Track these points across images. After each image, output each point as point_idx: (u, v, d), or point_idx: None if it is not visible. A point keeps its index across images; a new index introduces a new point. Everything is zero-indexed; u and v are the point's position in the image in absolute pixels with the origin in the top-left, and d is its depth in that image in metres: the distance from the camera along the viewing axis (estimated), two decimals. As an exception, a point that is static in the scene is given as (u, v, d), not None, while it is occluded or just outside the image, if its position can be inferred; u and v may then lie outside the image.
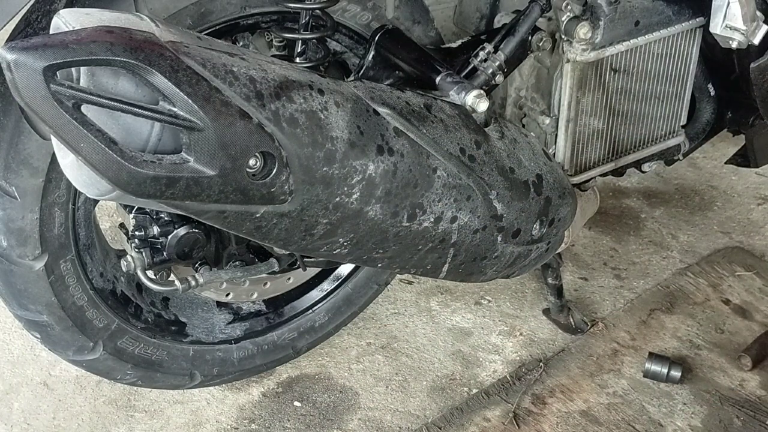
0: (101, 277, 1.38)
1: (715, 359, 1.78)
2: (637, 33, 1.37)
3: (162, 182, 0.86)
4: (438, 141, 1.10)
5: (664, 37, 1.40)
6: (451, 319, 1.88)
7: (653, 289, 1.98)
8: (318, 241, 1.05)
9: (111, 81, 0.84)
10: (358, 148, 1.01)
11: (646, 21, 1.37)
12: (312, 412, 1.63)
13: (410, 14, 1.39)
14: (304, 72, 1.01)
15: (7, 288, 1.27)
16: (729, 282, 2.00)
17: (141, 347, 1.44)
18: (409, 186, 1.08)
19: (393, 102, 1.08)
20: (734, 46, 1.30)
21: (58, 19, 0.87)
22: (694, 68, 1.47)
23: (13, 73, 0.77)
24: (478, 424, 1.61)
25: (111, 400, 1.63)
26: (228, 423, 1.60)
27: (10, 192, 1.17)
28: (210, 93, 0.86)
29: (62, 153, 0.94)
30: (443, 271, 1.22)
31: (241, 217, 0.96)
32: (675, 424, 1.63)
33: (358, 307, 1.73)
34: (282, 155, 0.94)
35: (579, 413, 1.64)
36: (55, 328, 1.33)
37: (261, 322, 1.63)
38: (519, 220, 1.23)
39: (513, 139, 1.25)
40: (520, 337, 1.84)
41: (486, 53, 1.26)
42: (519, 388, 1.70)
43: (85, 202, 1.30)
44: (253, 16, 1.24)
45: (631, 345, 1.81)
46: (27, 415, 1.59)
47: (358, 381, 1.71)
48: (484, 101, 1.17)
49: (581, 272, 2.03)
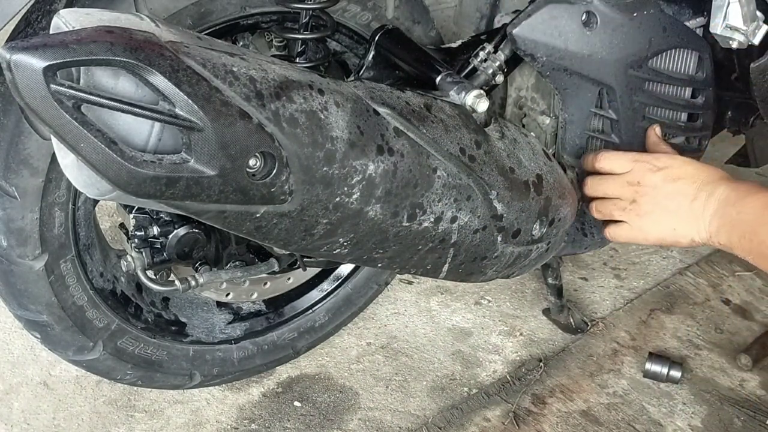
0: (101, 277, 1.38)
1: (715, 359, 1.79)
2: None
3: (162, 182, 0.86)
4: (438, 141, 1.10)
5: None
6: (451, 319, 1.88)
7: (653, 289, 1.98)
8: (318, 241, 1.05)
9: (111, 81, 0.84)
10: (358, 148, 1.01)
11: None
12: (312, 412, 1.63)
13: (410, 14, 1.39)
14: (304, 72, 1.01)
15: (7, 288, 1.27)
16: (729, 282, 2.00)
17: (141, 347, 1.44)
18: (409, 186, 1.08)
19: (393, 102, 1.08)
20: (734, 46, 1.30)
21: (58, 19, 0.87)
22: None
23: (13, 73, 0.77)
24: (478, 424, 1.61)
25: (111, 400, 1.63)
26: (228, 423, 1.60)
27: (10, 192, 1.17)
28: (210, 93, 0.86)
29: (62, 153, 0.94)
30: (443, 271, 1.22)
31: (241, 217, 0.96)
32: (675, 424, 1.63)
33: (358, 307, 1.73)
34: (282, 155, 0.94)
35: (579, 413, 1.64)
36: (55, 328, 1.33)
37: (261, 322, 1.63)
38: (519, 220, 1.23)
39: (513, 139, 1.25)
40: (520, 337, 1.84)
41: (486, 53, 1.26)
42: (519, 388, 1.70)
43: (85, 202, 1.30)
44: (253, 16, 1.24)
45: (631, 345, 1.81)
46: (27, 415, 1.59)
47: (358, 381, 1.71)
48: (484, 101, 1.17)
49: (581, 272, 2.03)
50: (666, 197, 1.22)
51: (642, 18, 1.29)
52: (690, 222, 1.20)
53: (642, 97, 1.34)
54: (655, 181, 1.22)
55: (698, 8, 1.40)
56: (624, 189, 1.26)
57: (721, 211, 1.16)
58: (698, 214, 1.19)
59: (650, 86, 1.35)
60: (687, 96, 1.41)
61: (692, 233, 1.20)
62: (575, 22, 1.25)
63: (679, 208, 1.20)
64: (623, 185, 1.26)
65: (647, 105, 1.36)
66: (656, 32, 1.31)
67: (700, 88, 1.41)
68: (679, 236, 1.22)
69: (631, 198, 1.25)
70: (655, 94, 1.36)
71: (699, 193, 1.19)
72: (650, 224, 1.24)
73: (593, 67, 1.28)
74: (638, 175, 1.24)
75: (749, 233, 1.12)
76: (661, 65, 1.35)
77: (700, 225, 1.19)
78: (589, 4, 1.25)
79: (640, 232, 1.26)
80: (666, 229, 1.23)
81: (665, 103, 1.38)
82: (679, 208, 1.20)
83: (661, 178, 1.22)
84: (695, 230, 1.19)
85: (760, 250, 1.11)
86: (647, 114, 1.36)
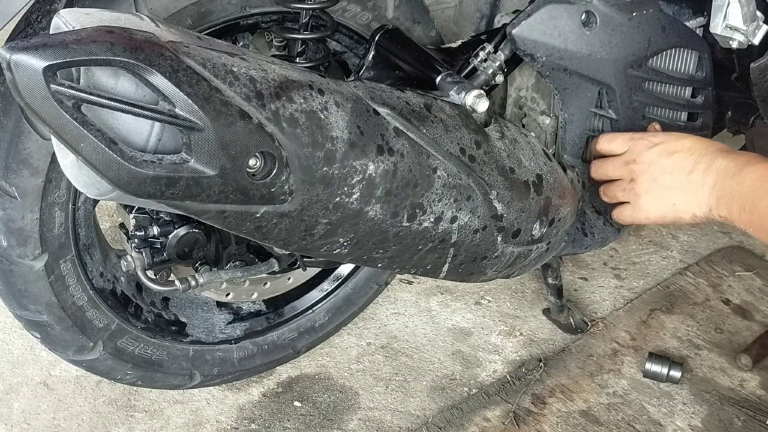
0: (101, 277, 1.38)
1: (715, 359, 1.79)
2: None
3: (162, 182, 0.86)
4: (438, 141, 1.10)
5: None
6: (451, 319, 1.88)
7: (653, 289, 1.98)
8: (318, 241, 1.05)
9: (111, 81, 0.84)
10: (358, 148, 1.01)
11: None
12: (312, 412, 1.63)
13: (410, 14, 1.39)
14: (304, 72, 1.01)
15: (7, 288, 1.27)
16: (729, 282, 2.00)
17: (141, 347, 1.44)
18: (409, 186, 1.08)
19: (393, 102, 1.08)
20: (734, 46, 1.30)
21: (58, 19, 0.87)
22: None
23: (13, 73, 0.77)
24: (478, 424, 1.61)
25: (111, 400, 1.63)
26: (228, 423, 1.60)
27: (10, 192, 1.17)
28: (210, 93, 0.86)
29: (62, 153, 0.94)
30: (443, 271, 1.22)
31: (242, 217, 0.96)
32: (675, 424, 1.63)
33: (358, 307, 1.73)
34: (282, 155, 0.94)
35: (579, 413, 1.64)
36: (55, 328, 1.33)
37: (261, 322, 1.63)
38: (519, 220, 1.23)
39: (513, 139, 1.25)
40: (520, 337, 1.84)
41: (486, 53, 1.26)
42: (519, 388, 1.70)
43: (85, 202, 1.30)
44: (253, 16, 1.24)
45: (631, 345, 1.81)
46: (27, 415, 1.59)
47: (358, 381, 1.71)
48: (484, 101, 1.17)
49: (581, 272, 2.03)
50: (663, 172, 1.20)
51: (641, 18, 1.29)
52: (689, 195, 1.17)
53: (642, 97, 1.34)
54: (651, 157, 1.21)
55: (698, 8, 1.41)
56: (623, 169, 1.25)
57: (720, 183, 1.13)
58: (697, 187, 1.16)
59: (650, 86, 1.35)
60: (687, 96, 1.41)
61: (693, 207, 1.17)
62: (575, 22, 1.25)
63: (678, 182, 1.18)
64: (622, 165, 1.25)
65: (647, 104, 1.36)
66: (656, 32, 1.31)
67: (700, 87, 1.41)
68: (680, 211, 1.19)
69: (630, 177, 1.24)
70: (655, 93, 1.36)
71: (696, 166, 1.16)
72: (650, 201, 1.22)
73: (593, 66, 1.28)
74: (635, 153, 1.23)
75: (749, 205, 1.09)
76: (661, 65, 1.35)
77: (700, 198, 1.16)
78: (589, 3, 1.25)
79: (641, 211, 1.24)
80: (666, 206, 1.20)
81: (665, 102, 1.38)
82: (677, 183, 1.18)
83: (656, 154, 1.20)
84: (695, 204, 1.16)
85: (760, 223, 1.08)
86: (647, 113, 1.36)
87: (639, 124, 1.35)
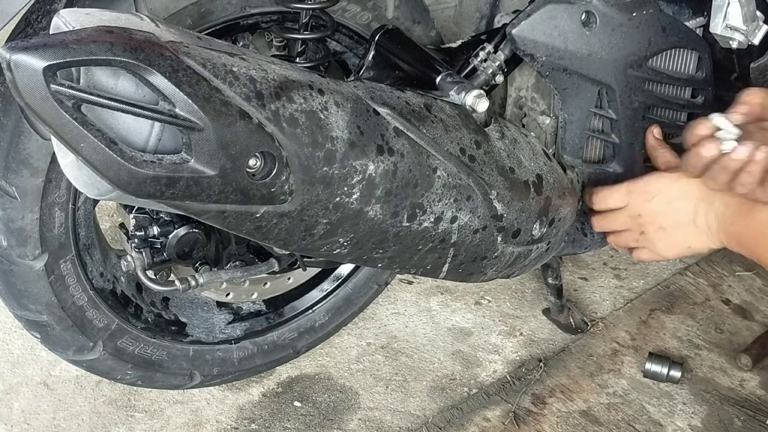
0: (101, 277, 1.38)
1: (715, 359, 1.79)
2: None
3: (162, 182, 0.86)
4: (438, 141, 1.10)
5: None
6: (451, 319, 1.88)
7: (653, 289, 1.98)
8: (318, 241, 1.05)
9: (111, 81, 0.84)
10: (358, 148, 1.01)
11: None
12: (312, 412, 1.63)
13: (410, 14, 1.39)
14: (304, 72, 1.01)
15: (7, 288, 1.27)
16: (729, 282, 2.00)
17: (141, 347, 1.44)
18: (409, 186, 1.08)
19: (393, 102, 1.08)
20: (734, 46, 1.30)
21: (58, 19, 0.87)
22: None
23: (13, 73, 0.77)
24: (478, 424, 1.61)
25: (111, 400, 1.63)
26: (228, 423, 1.60)
27: (10, 192, 1.17)
28: (210, 93, 0.86)
29: (62, 153, 0.94)
30: (443, 271, 1.22)
31: (242, 217, 0.96)
32: (675, 424, 1.63)
33: (358, 307, 1.73)
34: (282, 155, 0.94)
35: (579, 413, 1.64)
36: (55, 328, 1.33)
37: (261, 322, 1.63)
38: (519, 220, 1.23)
39: (513, 139, 1.25)
40: (520, 337, 1.84)
41: (486, 53, 1.26)
42: (519, 388, 1.70)
43: (85, 202, 1.30)
44: (253, 16, 1.24)
45: (631, 345, 1.81)
46: (27, 415, 1.59)
47: (358, 381, 1.71)
48: (484, 101, 1.17)
49: (581, 272, 2.03)
50: (669, 221, 1.26)
51: (641, 18, 1.29)
52: (700, 237, 1.25)
53: (642, 97, 1.34)
54: (653, 209, 1.27)
55: (698, 8, 1.41)
56: (630, 223, 1.31)
57: (724, 230, 1.20)
58: (704, 229, 1.23)
59: (650, 86, 1.35)
60: (687, 96, 1.41)
61: (707, 244, 1.25)
62: (575, 21, 1.25)
63: (686, 229, 1.25)
64: (627, 219, 1.31)
65: (647, 105, 1.36)
66: (655, 32, 1.31)
67: (700, 88, 1.41)
68: (696, 249, 1.28)
69: (638, 230, 1.30)
70: (655, 93, 1.36)
71: (698, 210, 1.23)
72: (666, 247, 1.29)
73: (593, 66, 1.28)
74: (637, 208, 1.29)
75: (757, 253, 1.17)
76: (661, 65, 1.35)
77: (711, 237, 1.23)
78: (589, 3, 1.25)
79: (660, 255, 1.31)
80: (682, 248, 1.28)
81: (665, 102, 1.38)
82: (686, 229, 1.25)
83: (657, 205, 1.27)
84: (708, 242, 1.24)
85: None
86: (647, 114, 1.36)
87: (639, 124, 1.35)
